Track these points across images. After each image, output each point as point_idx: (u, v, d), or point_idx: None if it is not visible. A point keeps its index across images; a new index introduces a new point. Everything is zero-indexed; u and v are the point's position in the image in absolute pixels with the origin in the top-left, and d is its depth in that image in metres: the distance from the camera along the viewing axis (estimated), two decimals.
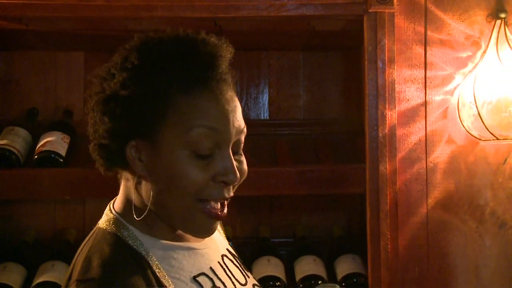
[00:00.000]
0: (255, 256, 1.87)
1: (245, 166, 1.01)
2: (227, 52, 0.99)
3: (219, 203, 0.98)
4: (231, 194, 0.99)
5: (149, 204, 0.97)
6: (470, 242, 1.73)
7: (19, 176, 1.72)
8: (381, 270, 1.63)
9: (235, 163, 0.97)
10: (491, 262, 1.73)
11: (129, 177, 1.00)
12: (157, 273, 0.95)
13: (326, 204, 2.10)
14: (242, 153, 1.02)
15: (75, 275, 0.93)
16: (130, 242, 0.97)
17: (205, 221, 0.98)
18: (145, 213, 0.98)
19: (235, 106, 0.98)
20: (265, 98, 2.12)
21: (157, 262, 0.96)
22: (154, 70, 0.94)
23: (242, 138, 1.00)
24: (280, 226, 2.09)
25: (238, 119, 0.98)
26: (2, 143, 1.78)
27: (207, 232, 1.00)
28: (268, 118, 2.12)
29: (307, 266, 1.83)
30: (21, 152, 1.80)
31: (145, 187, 0.98)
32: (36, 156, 1.78)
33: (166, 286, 0.94)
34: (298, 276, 1.81)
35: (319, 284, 1.75)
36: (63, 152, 1.80)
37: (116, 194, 1.07)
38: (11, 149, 1.77)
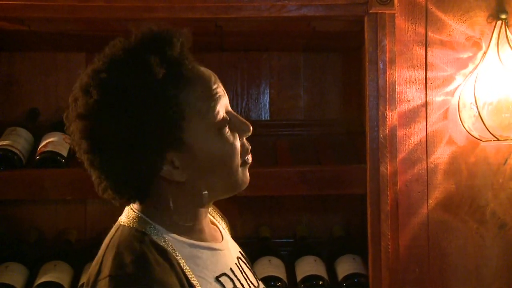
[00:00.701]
0: (256, 257, 1.88)
1: None
2: (178, 31, 1.01)
3: None
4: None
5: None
6: (471, 243, 1.73)
7: (21, 177, 1.72)
8: (382, 270, 1.63)
9: None
10: (492, 262, 1.73)
11: (152, 191, 1.01)
12: (185, 272, 0.96)
13: (326, 204, 2.11)
14: None
15: (105, 271, 0.92)
16: (157, 240, 0.98)
17: (246, 173, 1.06)
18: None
19: (212, 72, 1.04)
20: (266, 99, 2.12)
21: (183, 261, 0.97)
22: (158, 84, 0.94)
23: None
24: (281, 227, 2.09)
25: (218, 80, 1.04)
26: (4, 143, 1.79)
27: (248, 181, 1.07)
28: (268, 118, 2.12)
29: (308, 266, 1.83)
30: (23, 153, 1.81)
31: (178, 188, 1.00)
32: (38, 157, 1.78)
33: (194, 285, 0.95)
34: (299, 276, 1.82)
35: None
36: (65, 152, 1.80)
37: None
38: (13, 149, 1.78)
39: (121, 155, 0.94)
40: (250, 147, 1.06)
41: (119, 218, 1.05)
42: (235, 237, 2.03)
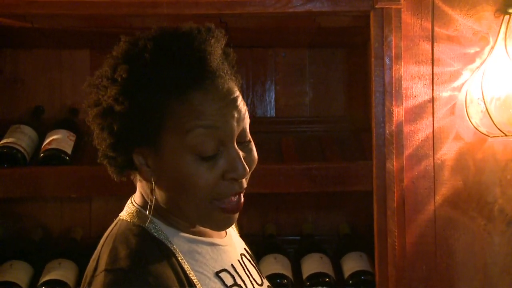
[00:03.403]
0: (261, 254, 1.87)
1: (254, 153, 1.00)
2: (216, 47, 0.97)
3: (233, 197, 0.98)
4: (244, 186, 0.98)
5: (157, 205, 0.99)
6: (478, 240, 1.72)
7: (25, 175, 1.72)
8: (388, 267, 1.62)
9: (242, 154, 0.96)
10: (500, 259, 1.72)
11: (142, 179, 1.01)
12: (183, 266, 0.95)
13: (332, 201, 2.10)
14: (251, 139, 1.00)
15: (102, 265, 0.92)
16: (155, 234, 0.97)
17: (222, 216, 0.98)
18: (149, 209, 0.98)
19: (233, 98, 0.95)
20: (271, 96, 2.11)
21: (181, 255, 0.96)
22: (145, 80, 0.92)
23: (247, 126, 0.99)
24: (287, 224, 2.08)
25: (238, 110, 0.96)
26: (8, 141, 1.78)
27: (226, 225, 1.01)
28: (274, 115, 2.11)
29: (314, 264, 1.82)
30: (27, 150, 1.80)
31: (157, 189, 0.98)
32: (42, 154, 1.78)
33: (191, 280, 0.94)
34: (305, 274, 1.81)
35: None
36: (69, 150, 1.79)
37: (122, 191, 1.07)
38: (17, 147, 1.77)
39: (107, 128, 0.96)
40: (238, 191, 0.96)
41: (120, 213, 1.04)
42: (240, 235, 2.03)
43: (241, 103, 0.97)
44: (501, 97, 1.65)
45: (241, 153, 0.96)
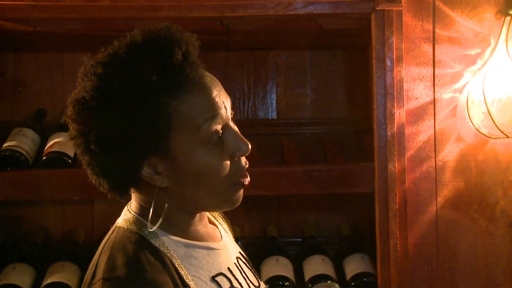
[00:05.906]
0: (263, 256, 1.87)
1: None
2: (194, 42, 0.99)
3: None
4: (247, 162, 1.03)
5: (162, 208, 0.99)
6: (480, 241, 1.72)
7: (27, 177, 1.72)
8: (391, 269, 1.62)
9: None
10: (502, 260, 1.72)
11: (143, 192, 1.01)
12: (180, 271, 0.95)
13: (334, 203, 2.10)
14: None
15: (99, 274, 0.93)
16: (152, 240, 0.97)
17: (238, 193, 1.02)
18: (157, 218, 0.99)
19: (217, 82, 1.01)
20: (272, 98, 2.11)
21: (178, 261, 0.97)
22: (138, 92, 0.93)
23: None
24: (288, 226, 2.08)
25: (224, 92, 1.01)
26: (11, 144, 1.79)
27: (239, 201, 1.04)
28: (275, 117, 2.11)
29: (315, 266, 1.82)
30: (30, 153, 1.81)
31: (168, 190, 0.99)
32: (44, 157, 1.78)
33: (188, 285, 0.94)
34: (307, 276, 1.81)
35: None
36: (71, 153, 1.80)
37: None
38: (20, 150, 1.78)
39: (104, 153, 0.95)
40: (246, 167, 1.01)
41: (117, 220, 1.04)
42: (242, 237, 2.03)
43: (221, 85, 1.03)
44: (503, 99, 1.65)
45: None
